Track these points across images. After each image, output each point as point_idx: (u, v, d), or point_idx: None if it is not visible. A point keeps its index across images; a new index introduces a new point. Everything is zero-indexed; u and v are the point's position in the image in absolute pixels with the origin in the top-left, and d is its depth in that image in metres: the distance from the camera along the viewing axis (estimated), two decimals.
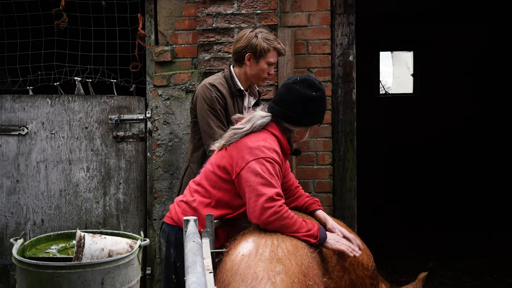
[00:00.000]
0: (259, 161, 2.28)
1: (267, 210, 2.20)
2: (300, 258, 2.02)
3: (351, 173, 3.60)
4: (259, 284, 1.88)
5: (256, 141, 2.33)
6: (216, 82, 2.98)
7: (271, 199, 2.22)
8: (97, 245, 2.18)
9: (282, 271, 1.92)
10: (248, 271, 1.94)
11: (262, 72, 2.96)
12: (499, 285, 4.49)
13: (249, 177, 2.27)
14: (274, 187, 2.25)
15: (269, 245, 2.05)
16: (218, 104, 2.92)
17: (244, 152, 2.33)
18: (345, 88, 3.60)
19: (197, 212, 2.43)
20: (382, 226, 6.22)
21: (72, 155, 3.75)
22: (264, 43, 2.91)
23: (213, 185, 2.43)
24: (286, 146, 2.43)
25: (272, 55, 2.95)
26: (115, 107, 3.75)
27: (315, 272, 2.03)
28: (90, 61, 3.83)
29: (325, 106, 2.48)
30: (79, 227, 3.71)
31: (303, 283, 1.92)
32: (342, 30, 3.60)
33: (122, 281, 2.18)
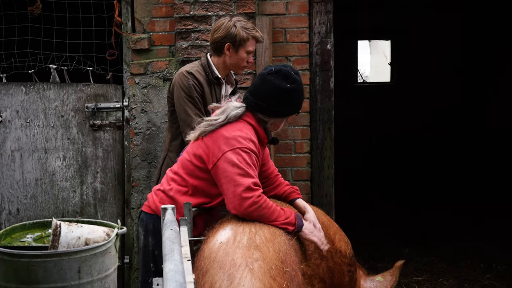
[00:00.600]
0: (236, 151, 2.28)
1: (245, 200, 2.21)
2: (278, 245, 2.04)
3: (329, 161, 3.63)
4: (237, 271, 1.89)
5: (232, 131, 2.33)
6: (193, 70, 2.97)
7: (248, 189, 2.23)
8: (73, 234, 2.17)
9: (260, 257, 1.94)
10: (226, 258, 1.96)
11: (242, 61, 2.96)
12: (472, 270, 4.60)
13: (226, 168, 2.27)
14: (251, 177, 2.25)
15: (246, 232, 2.07)
16: (195, 91, 2.91)
17: (220, 142, 2.32)
18: (323, 77, 3.61)
19: (174, 201, 2.43)
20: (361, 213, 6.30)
21: (48, 144, 3.70)
22: (243, 33, 2.90)
23: (190, 173, 2.43)
24: (262, 135, 2.43)
25: (251, 43, 2.94)
26: (92, 95, 3.70)
27: (293, 259, 2.05)
28: (65, 49, 3.77)
29: (301, 96, 2.47)
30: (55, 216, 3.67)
31: (280, 270, 1.94)
32: (320, 19, 3.60)
33: (99, 269, 2.17)
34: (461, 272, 4.55)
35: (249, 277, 1.87)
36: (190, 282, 1.62)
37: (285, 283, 1.91)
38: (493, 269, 4.61)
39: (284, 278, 1.92)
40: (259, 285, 1.85)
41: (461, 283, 4.32)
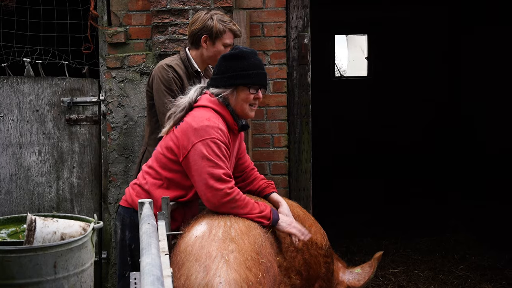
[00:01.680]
0: (205, 142, 2.28)
1: (217, 192, 2.22)
2: (253, 238, 2.05)
3: (307, 155, 3.65)
4: (212, 263, 1.91)
5: (200, 122, 2.33)
6: (173, 63, 2.96)
7: (220, 180, 2.23)
8: (49, 229, 2.15)
9: (235, 249, 1.96)
10: (201, 251, 1.97)
11: (218, 54, 2.95)
12: (446, 261, 4.69)
13: (196, 160, 2.28)
14: (222, 168, 2.26)
15: (222, 226, 2.08)
16: (175, 85, 2.90)
17: (189, 133, 2.33)
18: (300, 71, 3.63)
19: (150, 194, 2.43)
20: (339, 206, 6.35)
21: (23, 139, 3.65)
22: (220, 25, 2.91)
23: (163, 166, 2.43)
24: (231, 122, 2.42)
25: (228, 36, 2.94)
26: (67, 90, 3.66)
27: (268, 251, 2.07)
28: (39, 42, 3.72)
29: (249, 66, 2.40)
30: (31, 212, 3.63)
31: (256, 261, 1.96)
32: (297, 13, 3.61)
33: (75, 264, 2.16)
34: (436, 264, 4.63)
35: (225, 268, 1.88)
36: (168, 276, 1.63)
37: (260, 273, 1.93)
38: (466, 260, 4.70)
39: (259, 269, 1.94)
40: (234, 276, 1.87)
41: (436, 274, 4.40)
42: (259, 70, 2.43)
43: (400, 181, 7.80)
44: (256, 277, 1.90)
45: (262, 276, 1.93)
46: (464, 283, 4.22)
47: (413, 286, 4.21)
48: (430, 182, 7.72)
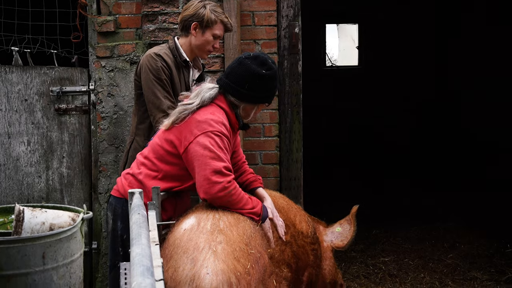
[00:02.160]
0: (208, 134, 2.27)
1: (215, 184, 2.21)
2: (242, 229, 2.05)
3: (298, 144, 3.65)
4: (200, 254, 1.90)
5: (204, 115, 2.32)
6: (161, 52, 2.93)
7: (219, 173, 2.22)
8: (37, 219, 2.14)
9: (223, 240, 1.95)
10: (189, 243, 1.96)
11: (207, 44, 2.92)
12: (436, 250, 4.72)
13: (197, 151, 2.26)
14: (223, 161, 2.25)
15: (210, 218, 2.08)
16: (164, 74, 2.88)
17: (192, 126, 2.32)
18: (291, 60, 3.62)
19: (143, 185, 2.42)
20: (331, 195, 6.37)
21: (11, 129, 3.61)
22: (212, 14, 2.88)
23: (160, 159, 2.41)
24: (234, 121, 2.43)
25: (219, 27, 2.91)
26: (57, 79, 3.62)
27: (258, 242, 2.07)
28: (28, 30, 3.67)
29: (275, 86, 2.47)
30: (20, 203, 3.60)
31: (244, 251, 1.96)
32: (288, 2, 3.59)
33: (65, 254, 2.14)
34: (426, 252, 4.67)
35: (212, 258, 1.88)
36: (158, 266, 1.62)
37: (249, 264, 1.93)
38: (456, 248, 4.74)
39: (248, 260, 1.94)
40: (222, 266, 1.86)
41: (426, 263, 4.43)
42: (276, 91, 2.51)
43: (390, 171, 7.84)
44: (244, 268, 1.90)
45: (251, 266, 1.93)
46: (454, 271, 4.26)
47: (403, 274, 4.24)
48: (420, 171, 7.76)
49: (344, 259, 4.52)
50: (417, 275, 4.20)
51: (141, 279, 1.36)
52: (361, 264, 4.45)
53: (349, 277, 4.18)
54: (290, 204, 2.51)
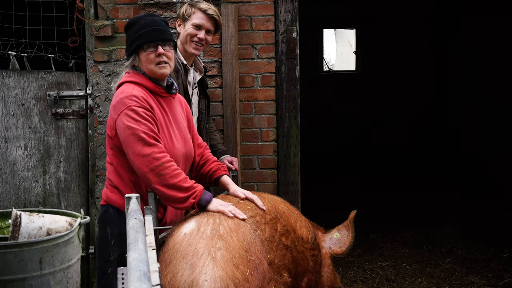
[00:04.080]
0: (122, 114, 2.27)
1: (145, 158, 2.19)
2: (242, 235, 2.03)
3: (295, 149, 3.65)
4: (199, 260, 1.88)
5: (115, 98, 2.34)
6: None
7: (141, 140, 2.20)
8: (34, 224, 2.13)
9: (223, 246, 1.93)
10: (189, 248, 1.94)
11: (189, 35, 2.91)
12: (434, 254, 4.72)
13: (121, 134, 2.27)
14: (141, 128, 2.22)
15: (210, 223, 2.05)
16: None
17: (111, 113, 2.35)
18: (288, 65, 3.62)
19: (113, 183, 2.42)
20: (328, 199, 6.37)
21: (8, 133, 3.61)
22: (188, 5, 2.91)
23: (111, 155, 2.42)
24: (152, 86, 2.38)
25: (198, 16, 2.90)
26: (54, 83, 3.62)
27: (258, 248, 2.04)
28: (25, 35, 3.67)
29: (137, 29, 2.37)
30: (17, 207, 3.59)
31: (244, 258, 1.93)
32: (285, 7, 3.60)
33: (62, 259, 2.13)
34: (423, 257, 4.67)
35: (211, 265, 1.86)
36: (155, 271, 1.61)
37: (248, 271, 1.91)
38: (453, 253, 4.74)
39: (247, 266, 1.92)
40: (221, 273, 1.84)
41: (424, 268, 4.43)
42: (150, 27, 2.36)
43: (387, 176, 7.84)
44: (243, 275, 1.88)
45: (250, 273, 1.91)
46: (451, 276, 4.26)
47: (401, 279, 4.24)
48: (418, 176, 7.77)
49: (341, 264, 4.51)
50: (414, 280, 4.19)
51: (138, 284, 1.35)
52: (358, 269, 4.45)
53: (347, 282, 4.18)
54: (291, 210, 2.49)
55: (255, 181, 3.59)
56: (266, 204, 2.36)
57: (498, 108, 7.20)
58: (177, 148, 2.39)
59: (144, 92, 2.34)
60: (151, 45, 2.36)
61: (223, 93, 3.47)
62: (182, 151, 2.43)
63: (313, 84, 9.00)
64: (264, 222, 2.22)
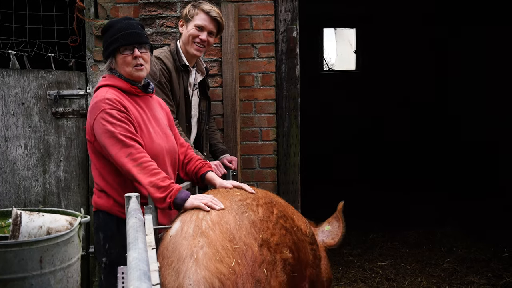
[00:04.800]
0: (97, 119, 2.30)
1: (125, 159, 2.22)
2: (226, 226, 2.02)
3: (295, 148, 3.65)
4: (182, 264, 1.89)
5: (91, 104, 2.37)
6: (162, 55, 2.94)
7: (119, 141, 2.23)
8: (34, 223, 2.13)
9: (205, 244, 1.94)
10: (174, 253, 1.95)
11: (191, 36, 2.92)
12: (433, 254, 4.73)
13: (100, 139, 2.29)
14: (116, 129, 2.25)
15: (193, 220, 2.05)
16: (163, 77, 2.88)
17: (88, 118, 2.37)
18: (288, 64, 3.62)
19: (100, 187, 2.43)
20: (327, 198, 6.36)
21: (8, 132, 3.61)
22: (191, 7, 2.92)
23: (95, 160, 2.43)
24: (128, 87, 2.41)
25: (200, 18, 2.91)
26: (54, 82, 3.62)
27: (246, 232, 2.03)
28: (25, 34, 3.67)
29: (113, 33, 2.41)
30: (17, 206, 3.59)
31: (228, 249, 1.94)
32: (285, 6, 3.60)
33: (62, 258, 2.14)
34: (423, 257, 4.67)
35: (194, 267, 1.87)
36: (155, 271, 1.61)
37: (234, 260, 1.92)
38: (453, 253, 4.74)
39: (233, 256, 1.93)
40: (204, 274, 1.86)
41: (423, 267, 4.44)
42: (126, 31, 2.39)
43: (387, 175, 7.84)
44: (228, 267, 1.90)
45: (237, 263, 1.92)
46: (451, 275, 4.26)
47: (401, 278, 4.24)
48: (417, 175, 7.77)
49: (341, 263, 4.52)
50: (414, 280, 4.20)
51: (137, 283, 1.35)
52: (358, 269, 4.45)
53: (347, 282, 4.18)
54: (288, 204, 2.51)
55: (255, 181, 3.59)
56: (260, 192, 2.36)
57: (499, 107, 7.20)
58: (157, 143, 2.41)
59: (118, 94, 2.37)
60: (127, 48, 2.39)
61: (223, 93, 3.47)
62: (164, 146, 2.45)
63: (313, 83, 8.99)
64: (257, 204, 2.21)
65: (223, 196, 2.24)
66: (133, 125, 2.33)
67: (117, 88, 2.39)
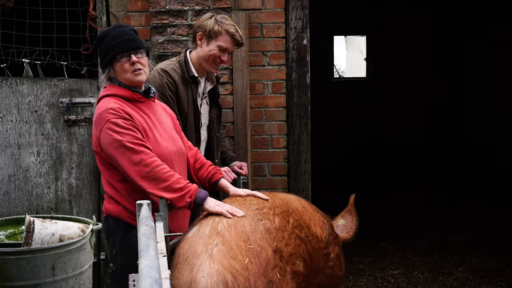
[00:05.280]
0: (103, 130, 2.30)
1: (135, 166, 2.22)
2: (241, 228, 2.07)
3: (306, 156, 3.65)
4: (197, 259, 1.95)
5: (95, 115, 2.38)
6: (169, 67, 2.93)
7: (129, 149, 2.23)
8: (47, 230, 2.14)
9: (219, 242, 1.99)
10: (190, 250, 2.01)
11: (213, 57, 2.90)
12: (446, 263, 4.68)
13: (107, 150, 2.29)
14: (124, 138, 2.25)
15: (210, 223, 2.11)
16: (168, 90, 2.87)
17: (93, 130, 2.38)
18: (299, 72, 3.63)
19: (110, 195, 2.43)
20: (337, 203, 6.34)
21: (22, 139, 3.64)
22: (216, 25, 2.88)
23: (103, 169, 2.44)
24: (129, 94, 2.41)
25: (225, 39, 2.89)
26: (66, 90, 3.65)
27: (260, 237, 2.08)
28: (38, 43, 3.71)
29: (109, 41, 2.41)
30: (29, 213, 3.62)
31: (242, 248, 1.98)
32: (296, 14, 3.61)
33: (74, 266, 2.15)
34: (435, 265, 4.63)
35: (208, 262, 1.92)
36: (166, 278, 1.62)
37: (247, 259, 1.96)
38: (466, 262, 4.69)
39: (246, 255, 1.97)
40: (217, 267, 1.90)
41: (436, 276, 4.39)
42: (120, 38, 2.40)
43: (399, 182, 7.80)
44: (241, 264, 1.93)
45: (250, 261, 1.95)
46: (464, 285, 4.22)
47: (413, 287, 4.20)
48: (430, 183, 7.72)
49: (352, 272, 4.49)
50: None
51: None
52: (369, 277, 4.42)
53: None
54: (306, 207, 2.51)
55: (266, 188, 3.59)
56: (277, 201, 2.38)
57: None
58: (164, 147, 2.41)
59: (120, 102, 2.37)
60: (124, 55, 2.39)
61: (234, 100, 3.48)
62: (172, 150, 2.45)
63: (323, 91, 8.99)
64: (273, 214, 2.25)
65: (240, 204, 2.27)
66: (139, 131, 2.33)
67: (119, 97, 2.40)
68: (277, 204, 2.33)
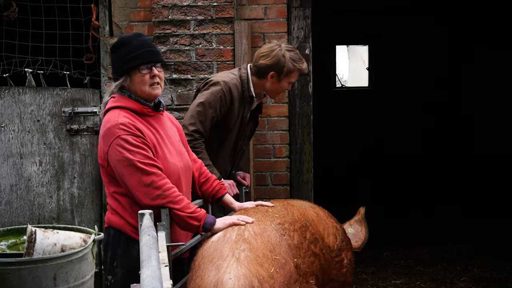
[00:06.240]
0: (112, 146, 2.23)
1: (146, 188, 2.19)
2: (267, 238, 2.09)
3: (308, 165, 3.65)
4: (224, 261, 1.96)
5: (103, 128, 2.29)
6: (231, 83, 2.88)
7: (139, 170, 2.18)
8: (49, 240, 2.14)
9: (246, 248, 2.00)
10: (215, 253, 2.03)
11: (282, 90, 2.95)
12: (449, 273, 4.66)
13: (115, 167, 2.24)
14: (135, 157, 2.20)
15: (236, 229, 2.14)
16: (219, 104, 2.83)
17: (100, 144, 2.31)
18: (301, 81, 3.63)
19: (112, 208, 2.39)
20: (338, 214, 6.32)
21: (24, 149, 3.64)
22: (291, 64, 2.83)
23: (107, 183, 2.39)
24: (139, 108, 2.33)
25: (295, 75, 2.91)
26: (69, 100, 3.66)
27: (284, 250, 2.10)
28: (41, 52, 3.72)
29: (131, 50, 2.33)
30: (31, 223, 3.62)
31: (268, 257, 2.00)
32: (298, 24, 3.62)
33: (76, 276, 2.14)
34: (438, 275, 4.60)
35: (235, 265, 1.93)
36: None
37: (273, 268, 1.97)
38: (469, 272, 4.67)
39: (272, 264, 1.98)
40: (244, 272, 1.90)
41: (438, 286, 4.37)
42: (145, 49, 2.33)
43: (401, 192, 7.78)
44: (267, 272, 1.94)
45: (275, 270, 1.97)
46: None
47: None
48: (431, 193, 7.69)
49: (355, 282, 4.46)
50: None
51: None
52: (372, 287, 4.40)
53: None
54: (320, 216, 2.51)
55: (268, 198, 3.58)
56: (296, 212, 2.40)
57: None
58: (172, 163, 2.36)
59: (130, 116, 2.29)
60: (147, 67, 2.33)
61: None
62: (179, 165, 2.40)
63: (326, 100, 8.99)
64: (293, 229, 2.26)
65: (264, 215, 2.29)
66: (150, 149, 2.27)
67: (128, 110, 2.32)
68: (296, 218, 2.34)
